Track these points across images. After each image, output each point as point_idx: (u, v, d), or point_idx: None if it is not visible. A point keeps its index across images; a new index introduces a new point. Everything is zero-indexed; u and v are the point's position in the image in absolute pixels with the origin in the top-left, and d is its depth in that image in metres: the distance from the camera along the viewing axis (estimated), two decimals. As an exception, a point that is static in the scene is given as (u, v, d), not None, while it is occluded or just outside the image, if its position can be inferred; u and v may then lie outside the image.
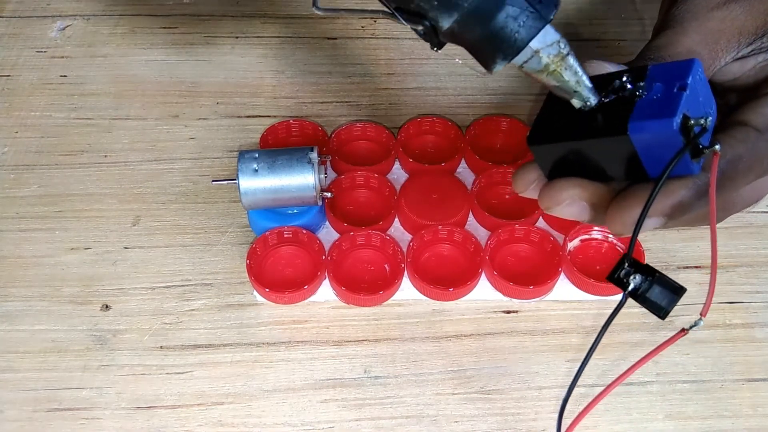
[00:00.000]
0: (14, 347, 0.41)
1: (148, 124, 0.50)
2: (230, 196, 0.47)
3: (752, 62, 0.34)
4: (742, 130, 0.30)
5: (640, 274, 0.29)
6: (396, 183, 0.46)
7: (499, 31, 0.29)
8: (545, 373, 0.40)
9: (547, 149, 0.31)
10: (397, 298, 0.43)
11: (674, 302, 0.29)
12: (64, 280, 0.43)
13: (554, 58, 0.29)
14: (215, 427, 0.38)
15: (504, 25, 0.28)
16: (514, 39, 0.29)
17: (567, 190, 0.30)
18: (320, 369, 0.40)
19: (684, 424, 0.39)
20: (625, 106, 0.28)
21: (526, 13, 0.28)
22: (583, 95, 0.30)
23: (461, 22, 0.29)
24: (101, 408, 0.39)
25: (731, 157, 0.29)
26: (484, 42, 0.29)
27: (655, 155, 0.28)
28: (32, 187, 0.47)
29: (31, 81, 0.52)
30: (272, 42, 0.55)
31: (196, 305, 0.42)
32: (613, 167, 0.30)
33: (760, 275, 0.44)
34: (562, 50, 0.29)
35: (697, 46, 0.32)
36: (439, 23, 0.29)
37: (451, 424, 0.39)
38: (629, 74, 0.29)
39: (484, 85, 0.52)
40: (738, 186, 0.31)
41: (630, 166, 0.29)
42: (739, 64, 0.34)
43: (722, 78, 0.34)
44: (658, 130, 0.27)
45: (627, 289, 0.29)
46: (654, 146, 0.28)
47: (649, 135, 0.27)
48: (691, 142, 0.27)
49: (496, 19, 0.28)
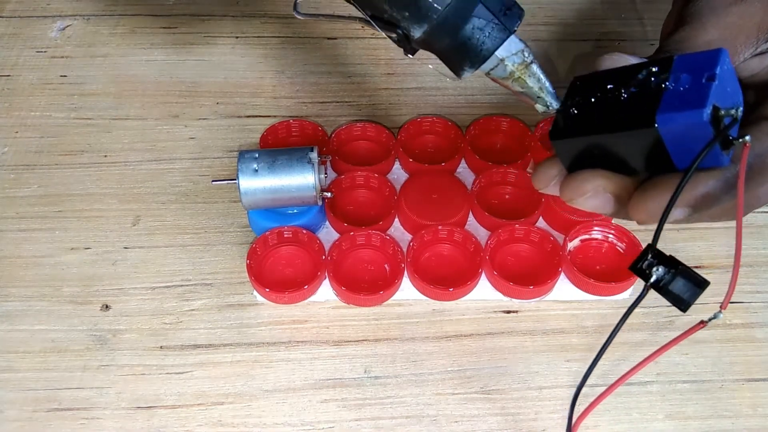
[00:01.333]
0: (14, 347, 0.41)
1: (148, 124, 0.50)
2: (230, 196, 0.47)
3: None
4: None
5: (663, 266, 0.28)
6: (396, 183, 0.46)
7: (467, 41, 0.31)
8: (545, 373, 0.40)
9: (570, 143, 0.30)
10: (397, 298, 0.43)
11: (697, 295, 0.29)
12: (64, 280, 0.43)
13: (519, 66, 0.31)
14: (215, 427, 0.38)
15: (471, 35, 0.31)
16: (481, 48, 0.31)
17: (591, 181, 0.30)
18: (320, 369, 0.40)
19: (684, 424, 0.39)
20: (651, 97, 0.28)
21: (491, 25, 0.30)
22: (546, 100, 0.32)
23: (431, 32, 0.31)
24: (101, 408, 0.39)
25: (759, 151, 0.29)
26: (453, 51, 0.31)
27: (684, 147, 0.27)
28: (32, 187, 0.47)
29: (31, 81, 0.52)
30: (272, 42, 0.55)
31: (196, 305, 0.42)
32: (638, 160, 0.29)
33: (760, 275, 0.44)
34: (526, 59, 0.31)
35: (717, 42, 0.32)
36: (410, 33, 0.31)
37: (451, 424, 0.39)
38: (654, 65, 0.29)
39: (484, 85, 0.52)
40: (765, 181, 0.30)
41: (656, 159, 0.28)
42: (758, 60, 0.34)
43: (740, 74, 0.34)
44: (688, 122, 0.27)
45: (649, 281, 0.29)
46: (682, 138, 0.27)
47: (678, 126, 0.27)
48: (721, 133, 0.27)
49: (463, 30, 0.31)
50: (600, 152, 0.30)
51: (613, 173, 0.30)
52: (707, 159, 0.27)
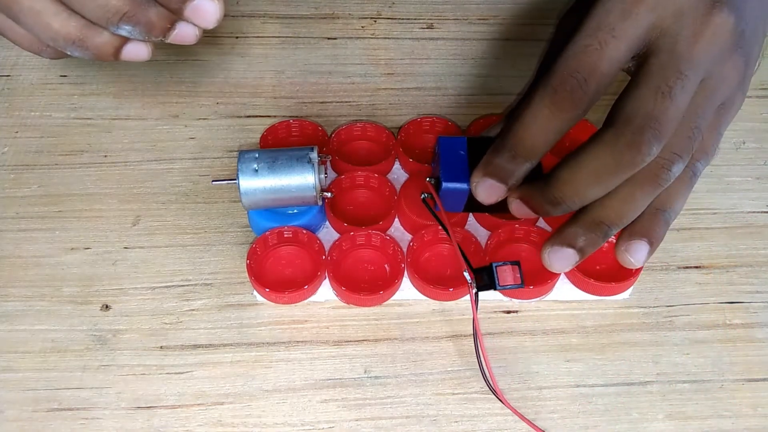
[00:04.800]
0: (14, 347, 0.41)
1: (148, 124, 0.50)
2: (230, 196, 0.47)
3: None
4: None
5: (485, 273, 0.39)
6: (396, 183, 0.46)
7: None
8: (545, 373, 0.40)
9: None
10: (397, 298, 0.43)
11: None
12: (64, 280, 0.43)
13: None
14: (215, 427, 0.38)
15: None
16: None
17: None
18: (320, 369, 0.40)
19: (684, 424, 0.39)
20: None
21: None
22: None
23: None
24: (101, 408, 0.39)
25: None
26: None
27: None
28: (32, 187, 0.47)
29: (31, 81, 0.52)
30: (272, 42, 0.55)
31: (196, 305, 0.42)
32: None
33: (760, 275, 0.44)
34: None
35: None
36: None
37: (451, 424, 0.39)
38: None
39: (484, 84, 0.52)
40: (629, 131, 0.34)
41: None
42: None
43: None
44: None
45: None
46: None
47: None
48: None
49: None
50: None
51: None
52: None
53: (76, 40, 0.35)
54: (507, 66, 0.53)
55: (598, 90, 0.34)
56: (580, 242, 0.36)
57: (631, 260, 0.38)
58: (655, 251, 0.38)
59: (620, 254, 0.38)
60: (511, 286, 0.38)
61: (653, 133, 0.32)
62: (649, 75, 0.33)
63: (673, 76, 0.33)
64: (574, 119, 0.34)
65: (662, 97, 0.33)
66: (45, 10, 0.34)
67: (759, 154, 0.49)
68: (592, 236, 0.36)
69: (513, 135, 0.35)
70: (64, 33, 0.35)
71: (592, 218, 0.36)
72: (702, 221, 0.46)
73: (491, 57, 0.54)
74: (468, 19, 0.56)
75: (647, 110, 0.33)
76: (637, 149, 0.32)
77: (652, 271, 0.44)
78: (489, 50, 0.54)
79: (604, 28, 0.33)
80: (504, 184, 0.36)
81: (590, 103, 0.34)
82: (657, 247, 0.38)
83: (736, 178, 0.48)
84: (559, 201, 0.35)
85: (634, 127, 0.32)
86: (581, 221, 0.36)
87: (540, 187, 0.36)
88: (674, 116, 0.33)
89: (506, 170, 0.36)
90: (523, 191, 0.37)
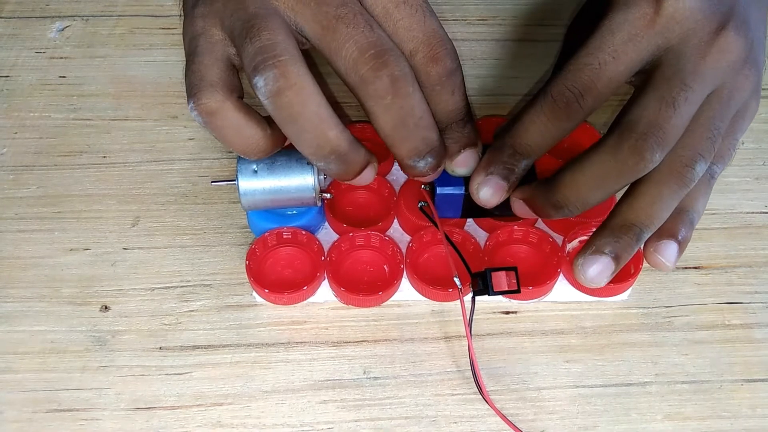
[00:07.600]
0: (13, 348, 0.41)
1: (147, 125, 0.50)
2: (229, 197, 0.47)
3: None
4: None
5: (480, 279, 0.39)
6: (396, 184, 0.46)
7: None
8: (544, 374, 0.40)
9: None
10: (396, 299, 0.43)
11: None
12: (63, 281, 0.43)
13: None
14: (214, 427, 0.38)
15: None
16: None
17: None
18: (319, 370, 0.40)
19: (683, 424, 0.39)
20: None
21: None
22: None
23: None
24: (100, 409, 0.39)
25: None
26: None
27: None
28: (31, 188, 0.47)
29: (30, 82, 0.52)
30: (271, 43, 0.55)
31: (196, 306, 0.42)
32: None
33: (759, 275, 0.44)
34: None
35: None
36: None
37: (450, 424, 0.39)
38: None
39: (484, 85, 0.52)
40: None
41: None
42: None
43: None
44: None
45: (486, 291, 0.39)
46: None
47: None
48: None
49: None
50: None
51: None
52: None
53: (342, 153, 0.36)
54: (506, 67, 0.53)
55: (594, 105, 0.34)
56: (614, 248, 0.35)
57: (662, 260, 0.37)
58: (683, 252, 0.37)
59: (650, 256, 0.37)
60: (505, 292, 0.38)
61: (656, 140, 0.33)
62: (654, 86, 0.34)
63: (677, 87, 0.33)
64: (569, 128, 0.35)
65: (666, 106, 0.33)
66: (328, 120, 0.34)
67: (758, 155, 0.49)
68: (625, 239, 0.35)
69: (512, 135, 0.36)
70: (335, 144, 0.35)
71: (622, 222, 0.35)
72: (701, 222, 0.46)
73: (490, 58, 0.54)
74: (467, 19, 0.56)
75: (651, 118, 0.33)
76: (640, 155, 0.33)
77: (650, 272, 0.44)
78: (488, 51, 0.54)
79: (606, 49, 0.34)
80: (505, 181, 0.36)
81: (586, 116, 0.35)
82: (685, 248, 0.37)
83: (734, 179, 0.48)
84: (561, 204, 0.35)
85: (637, 134, 0.33)
86: (610, 227, 0.36)
87: (542, 189, 0.36)
88: (678, 125, 0.33)
89: (507, 167, 0.36)
90: (525, 193, 0.37)
